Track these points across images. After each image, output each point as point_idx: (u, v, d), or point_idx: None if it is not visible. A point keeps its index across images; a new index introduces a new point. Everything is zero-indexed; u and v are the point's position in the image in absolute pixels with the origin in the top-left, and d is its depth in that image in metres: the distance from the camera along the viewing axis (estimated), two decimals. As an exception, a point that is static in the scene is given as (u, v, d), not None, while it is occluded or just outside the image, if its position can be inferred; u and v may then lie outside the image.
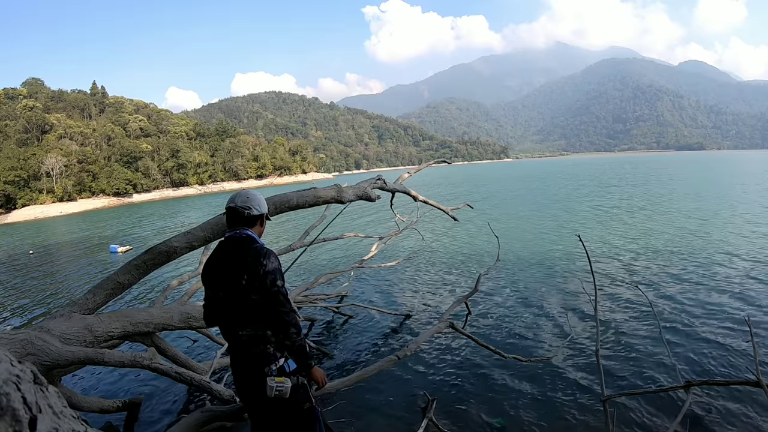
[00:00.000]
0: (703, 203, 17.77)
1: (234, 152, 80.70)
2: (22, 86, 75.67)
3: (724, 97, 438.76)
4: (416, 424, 3.45)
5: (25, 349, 2.60)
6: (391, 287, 8.02)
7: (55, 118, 63.58)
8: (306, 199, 3.87)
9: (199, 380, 3.09)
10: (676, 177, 36.28)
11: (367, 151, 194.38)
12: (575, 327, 5.52)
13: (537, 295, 6.96)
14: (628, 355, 4.69)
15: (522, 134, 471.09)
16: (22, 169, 49.91)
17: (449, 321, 4.06)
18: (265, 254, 1.89)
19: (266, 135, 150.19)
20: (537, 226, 14.01)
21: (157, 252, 3.36)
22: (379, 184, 4.66)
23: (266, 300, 1.85)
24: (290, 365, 1.94)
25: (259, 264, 1.85)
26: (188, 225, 19.36)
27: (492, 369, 4.54)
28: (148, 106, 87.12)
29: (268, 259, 1.87)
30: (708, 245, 9.85)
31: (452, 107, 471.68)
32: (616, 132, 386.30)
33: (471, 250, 10.83)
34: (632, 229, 12.64)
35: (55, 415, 0.66)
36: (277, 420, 1.97)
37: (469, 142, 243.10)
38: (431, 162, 6.62)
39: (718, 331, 5.16)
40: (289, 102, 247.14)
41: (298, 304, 5.80)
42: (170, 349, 3.87)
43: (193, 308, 3.85)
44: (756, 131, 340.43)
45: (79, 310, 3.21)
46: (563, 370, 4.42)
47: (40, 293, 9.87)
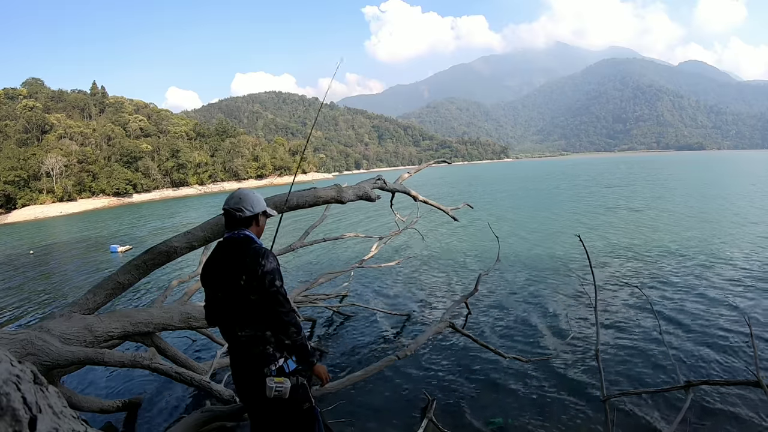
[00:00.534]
0: (702, 203, 17.77)
1: (234, 152, 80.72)
2: (22, 86, 75.64)
3: (724, 97, 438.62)
4: (416, 424, 3.45)
5: (25, 349, 2.60)
6: (391, 287, 8.02)
7: (55, 118, 63.57)
8: (306, 199, 3.87)
9: (199, 380, 3.09)
10: (677, 177, 36.27)
11: (367, 151, 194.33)
12: (575, 327, 5.52)
13: (537, 295, 6.95)
14: (628, 355, 4.69)
15: (522, 134, 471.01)
16: (22, 169, 49.91)
17: (449, 321, 4.07)
18: (263, 254, 1.88)
19: (266, 135, 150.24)
20: (537, 226, 14.02)
21: (157, 252, 3.36)
22: (379, 184, 4.66)
23: (265, 300, 1.85)
24: (290, 365, 1.93)
25: (258, 264, 1.84)
26: (188, 225, 19.35)
27: (492, 369, 4.54)
28: (148, 106, 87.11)
29: (266, 259, 1.86)
30: (708, 245, 9.85)
31: (452, 107, 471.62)
32: (616, 132, 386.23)
33: (471, 250, 10.83)
34: (632, 228, 12.64)
35: (55, 415, 0.66)
36: (276, 420, 1.96)
37: (469, 142, 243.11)
38: (431, 162, 6.62)
39: (718, 331, 5.16)
40: (289, 102, 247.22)
41: (298, 304, 5.79)
42: (170, 349, 3.87)
43: (193, 308, 3.85)
44: (756, 131, 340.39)
45: (79, 310, 3.21)
46: (563, 370, 4.42)
47: (40, 293, 9.87)
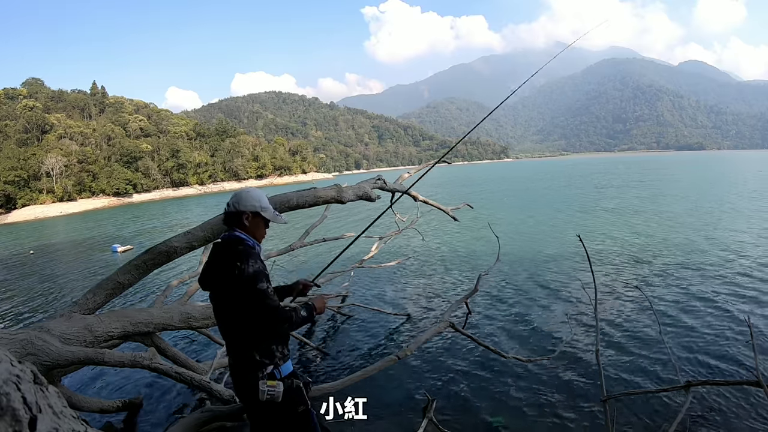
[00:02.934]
0: (702, 204, 17.77)
1: (234, 152, 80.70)
2: (22, 86, 75.61)
3: (724, 97, 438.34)
4: (416, 424, 3.45)
5: (25, 349, 2.60)
6: (391, 287, 8.02)
7: (55, 118, 63.57)
8: (306, 199, 3.87)
9: (199, 380, 3.08)
10: (677, 177, 36.25)
11: (367, 151, 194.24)
12: (575, 327, 5.52)
13: (537, 296, 6.96)
14: (628, 355, 4.69)
15: (522, 134, 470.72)
16: (22, 169, 49.90)
17: (449, 321, 4.05)
18: (245, 256, 1.81)
19: (266, 135, 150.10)
20: (537, 226, 14.02)
21: (157, 252, 3.36)
22: (379, 184, 4.66)
23: (250, 303, 1.80)
24: (281, 371, 1.90)
25: (238, 266, 1.78)
26: (188, 225, 19.35)
27: (492, 369, 4.54)
28: (148, 106, 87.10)
29: (246, 262, 1.79)
30: (708, 245, 9.85)
31: (452, 107, 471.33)
32: (616, 132, 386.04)
33: (471, 250, 10.83)
34: (632, 229, 12.64)
35: (55, 415, 0.66)
36: (271, 422, 1.95)
37: (469, 142, 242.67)
38: (431, 162, 6.61)
39: (718, 331, 5.16)
40: (289, 102, 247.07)
41: (298, 304, 5.78)
42: (170, 349, 3.87)
43: (193, 308, 3.85)
44: (756, 131, 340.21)
45: (79, 310, 3.20)
46: (563, 370, 4.42)
47: (41, 293, 9.87)
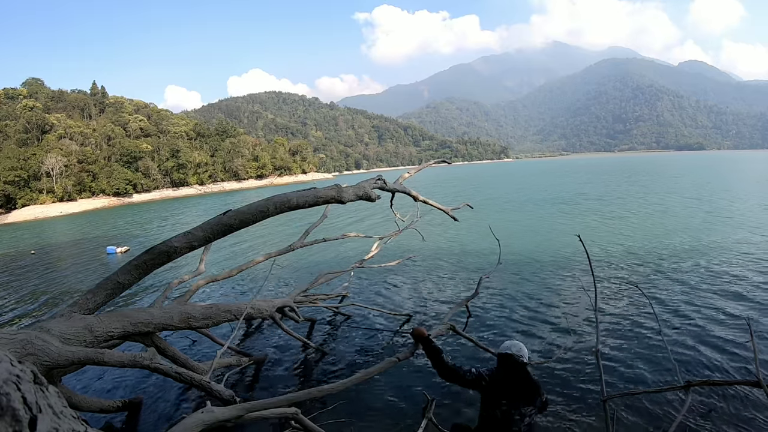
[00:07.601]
0: (702, 204, 17.76)
1: (234, 152, 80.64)
2: (22, 86, 75.55)
3: (724, 97, 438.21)
4: (416, 424, 3.45)
5: (25, 349, 2.60)
6: (391, 288, 8.02)
7: (55, 118, 63.50)
8: (306, 199, 3.86)
9: (199, 380, 3.08)
10: (677, 178, 36.25)
11: (367, 151, 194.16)
12: (575, 327, 5.52)
13: (537, 296, 6.95)
14: (628, 355, 4.69)
15: (522, 134, 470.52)
16: (22, 169, 49.84)
17: (450, 323, 4.05)
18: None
19: (266, 135, 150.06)
20: (537, 227, 14.01)
21: (157, 252, 3.36)
22: (379, 184, 4.65)
23: None
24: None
25: None
26: (188, 225, 19.34)
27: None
28: (148, 106, 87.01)
29: None
30: (708, 245, 9.85)
31: (452, 107, 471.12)
32: (616, 132, 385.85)
33: (471, 250, 10.83)
34: (632, 229, 12.64)
35: (55, 415, 0.66)
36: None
37: (469, 142, 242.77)
38: (431, 162, 6.61)
39: (718, 331, 5.16)
40: (289, 102, 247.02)
41: (298, 304, 5.79)
42: (170, 349, 3.87)
43: (193, 308, 3.85)
44: (756, 131, 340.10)
45: (79, 310, 3.20)
46: (563, 370, 4.42)
47: (41, 293, 9.87)
